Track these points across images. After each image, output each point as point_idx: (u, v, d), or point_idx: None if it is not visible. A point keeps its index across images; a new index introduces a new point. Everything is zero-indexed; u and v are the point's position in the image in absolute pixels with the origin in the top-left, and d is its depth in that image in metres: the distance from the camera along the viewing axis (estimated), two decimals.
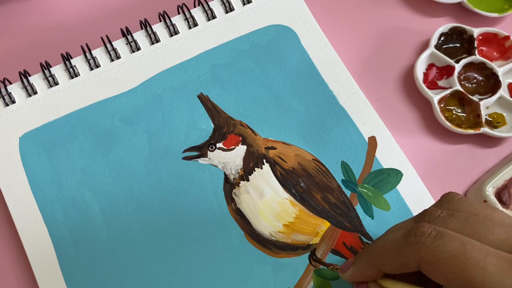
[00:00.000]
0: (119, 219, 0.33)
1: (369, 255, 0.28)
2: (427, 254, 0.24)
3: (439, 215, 0.26)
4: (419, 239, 0.24)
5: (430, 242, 0.24)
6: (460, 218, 0.25)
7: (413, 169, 0.35)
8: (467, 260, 0.23)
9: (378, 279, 0.28)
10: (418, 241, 0.24)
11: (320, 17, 0.40)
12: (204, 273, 0.32)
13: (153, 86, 0.37)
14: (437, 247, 0.24)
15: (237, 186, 0.34)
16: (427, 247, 0.24)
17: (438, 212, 0.26)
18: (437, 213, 0.26)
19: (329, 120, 0.36)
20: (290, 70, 0.38)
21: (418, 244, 0.24)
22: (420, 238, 0.24)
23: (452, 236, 0.24)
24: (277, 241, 0.33)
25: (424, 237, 0.24)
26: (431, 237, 0.24)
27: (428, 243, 0.24)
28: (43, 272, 0.32)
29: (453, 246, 0.23)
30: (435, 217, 0.26)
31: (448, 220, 0.25)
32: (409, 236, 0.25)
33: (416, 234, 0.25)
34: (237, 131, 0.36)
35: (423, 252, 0.24)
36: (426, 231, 0.24)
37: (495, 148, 0.38)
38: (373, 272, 0.28)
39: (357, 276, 0.29)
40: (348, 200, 0.34)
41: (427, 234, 0.24)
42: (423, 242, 0.24)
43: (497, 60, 0.40)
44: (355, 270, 0.29)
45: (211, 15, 0.39)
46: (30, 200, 0.33)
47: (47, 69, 0.36)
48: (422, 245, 0.24)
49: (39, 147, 0.35)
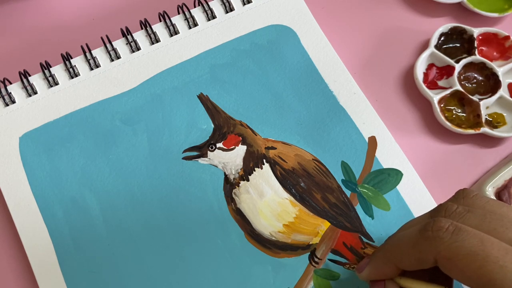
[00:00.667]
0: (119, 219, 0.33)
1: (385, 252, 0.28)
2: (445, 250, 0.23)
3: (455, 210, 0.25)
4: (437, 234, 0.24)
5: (448, 237, 0.24)
6: (477, 214, 0.25)
7: (413, 169, 0.35)
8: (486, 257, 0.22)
9: (395, 278, 0.28)
10: (436, 236, 0.24)
11: (320, 17, 0.40)
12: (204, 273, 0.32)
13: (153, 86, 0.37)
14: (455, 243, 0.23)
15: (237, 186, 0.34)
16: (445, 242, 0.24)
17: (455, 207, 0.26)
18: (454, 208, 0.25)
19: (329, 120, 0.36)
20: (290, 70, 0.38)
21: (436, 239, 0.24)
22: (437, 233, 0.24)
23: (470, 232, 0.23)
24: (277, 241, 0.33)
25: (441, 232, 0.24)
26: (449, 232, 0.24)
27: (446, 238, 0.24)
28: (43, 272, 0.32)
29: (472, 243, 0.23)
30: (451, 212, 0.25)
31: (465, 215, 0.25)
32: (426, 231, 0.24)
33: (433, 229, 0.24)
34: (237, 131, 0.36)
35: (441, 247, 0.24)
36: (443, 226, 0.24)
37: (495, 148, 0.38)
38: (390, 270, 0.27)
39: (374, 275, 0.28)
40: (348, 200, 0.34)
41: (444, 229, 0.24)
42: (441, 237, 0.24)
43: (497, 60, 0.40)
44: (371, 269, 0.28)
45: (211, 15, 0.39)
46: (30, 200, 0.33)
47: (47, 69, 0.36)
48: (440, 240, 0.24)
49: (39, 147, 0.35)
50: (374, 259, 0.29)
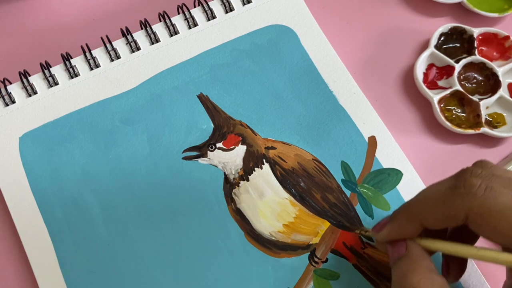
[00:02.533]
0: (119, 219, 0.33)
1: (410, 209, 0.27)
2: (478, 206, 0.23)
3: (481, 173, 0.25)
4: (469, 190, 0.24)
5: (481, 193, 0.24)
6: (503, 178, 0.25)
7: (413, 169, 0.35)
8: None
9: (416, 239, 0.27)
10: (469, 192, 0.24)
11: (320, 17, 0.40)
12: (204, 273, 0.32)
13: (153, 86, 0.37)
14: (488, 199, 0.23)
15: (237, 186, 0.34)
16: (478, 198, 0.24)
17: (480, 171, 0.25)
18: (479, 172, 0.25)
19: (329, 120, 0.36)
20: (290, 70, 0.38)
21: (469, 195, 0.24)
22: (470, 189, 0.24)
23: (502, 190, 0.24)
24: (277, 241, 0.33)
25: (474, 188, 0.24)
26: (481, 189, 0.24)
27: (479, 194, 0.24)
28: (43, 272, 0.32)
29: (505, 199, 0.23)
30: (477, 174, 0.25)
31: (491, 178, 0.25)
32: (458, 188, 0.24)
33: (466, 186, 0.24)
34: (237, 131, 0.36)
35: (474, 203, 0.24)
36: (476, 183, 0.24)
37: (495, 148, 0.38)
38: (414, 228, 0.27)
39: (396, 234, 0.28)
40: (348, 200, 0.34)
41: (477, 186, 0.24)
42: (474, 193, 0.24)
43: (497, 60, 0.40)
44: (393, 227, 0.28)
45: (211, 15, 0.39)
46: (30, 200, 0.33)
47: (47, 69, 0.36)
48: (473, 196, 0.24)
49: (39, 147, 0.35)
50: (397, 217, 0.28)
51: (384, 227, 0.28)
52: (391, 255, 0.28)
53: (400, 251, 0.27)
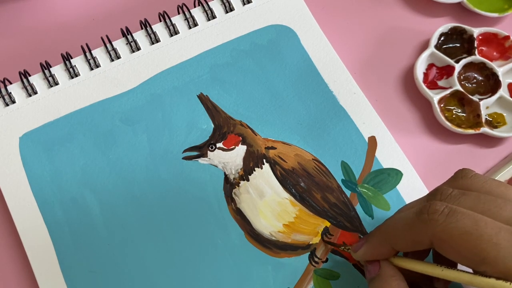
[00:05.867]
0: (119, 219, 0.33)
1: (381, 233, 0.28)
2: (440, 232, 0.24)
3: (450, 194, 0.26)
4: (432, 217, 0.24)
5: (443, 219, 0.24)
6: (472, 196, 0.25)
7: (413, 169, 0.35)
8: (480, 236, 0.23)
9: (390, 258, 0.28)
10: (431, 219, 0.24)
11: (320, 17, 0.40)
12: (204, 273, 0.32)
13: (153, 86, 0.37)
14: (450, 224, 0.24)
15: (237, 186, 0.34)
16: (440, 224, 0.24)
17: (450, 191, 0.26)
18: (449, 192, 0.26)
19: (329, 120, 0.36)
20: (290, 70, 0.38)
21: (431, 221, 0.24)
22: (433, 215, 0.24)
23: (464, 213, 0.24)
24: (277, 241, 0.33)
25: (437, 214, 0.24)
26: (444, 214, 0.24)
27: (441, 221, 0.24)
28: (43, 272, 0.32)
29: (466, 223, 0.23)
30: (446, 195, 0.26)
31: (460, 198, 0.25)
32: (422, 214, 0.25)
33: (429, 212, 0.25)
34: (237, 131, 0.36)
35: (436, 229, 0.24)
36: (438, 209, 0.24)
37: (495, 148, 0.38)
38: (386, 250, 0.28)
39: (370, 254, 0.29)
40: (348, 200, 0.34)
41: (439, 212, 0.24)
42: (436, 219, 0.24)
43: (497, 60, 0.40)
44: (367, 249, 0.29)
45: (211, 15, 0.39)
46: (30, 200, 0.33)
47: (47, 69, 0.36)
48: (435, 222, 0.24)
49: (39, 147, 0.35)
50: (371, 239, 0.29)
51: (360, 247, 0.29)
52: (367, 274, 0.29)
53: (374, 270, 0.28)
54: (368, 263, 0.29)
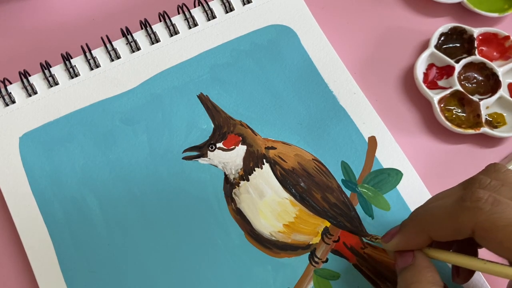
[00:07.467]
0: (119, 219, 0.33)
1: (418, 222, 0.27)
2: (484, 221, 0.23)
3: (489, 183, 0.25)
4: (476, 204, 0.24)
5: (487, 208, 0.23)
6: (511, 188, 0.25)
7: (413, 169, 0.35)
8: None
9: (424, 249, 0.27)
10: (475, 206, 0.24)
11: (320, 17, 0.40)
12: (204, 273, 0.32)
13: (153, 86, 0.37)
14: (494, 214, 0.23)
15: (237, 186, 0.34)
16: (484, 213, 0.23)
17: (488, 180, 0.25)
18: (487, 181, 0.25)
19: (329, 120, 0.36)
20: (290, 70, 0.38)
21: (475, 209, 0.24)
22: (476, 203, 0.24)
23: (510, 203, 0.23)
24: (277, 241, 0.33)
25: (481, 202, 0.24)
26: (489, 203, 0.24)
27: (486, 209, 0.23)
28: (43, 272, 0.32)
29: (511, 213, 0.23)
30: (485, 184, 0.25)
31: (500, 189, 0.25)
32: (464, 201, 0.24)
33: (472, 199, 0.24)
34: (237, 131, 0.36)
35: (480, 217, 0.23)
36: (482, 197, 0.24)
37: (495, 148, 0.38)
38: (421, 240, 0.27)
39: (404, 244, 0.28)
40: (348, 200, 0.34)
41: (484, 200, 0.24)
42: (480, 207, 0.23)
43: (497, 60, 0.40)
44: (401, 238, 0.28)
45: (211, 15, 0.39)
46: (30, 200, 0.33)
47: (47, 69, 0.36)
48: (479, 210, 0.23)
49: (39, 147, 0.35)
50: (405, 229, 0.28)
51: (393, 237, 0.28)
52: (398, 264, 0.28)
53: (406, 261, 0.27)
54: (400, 253, 0.28)
